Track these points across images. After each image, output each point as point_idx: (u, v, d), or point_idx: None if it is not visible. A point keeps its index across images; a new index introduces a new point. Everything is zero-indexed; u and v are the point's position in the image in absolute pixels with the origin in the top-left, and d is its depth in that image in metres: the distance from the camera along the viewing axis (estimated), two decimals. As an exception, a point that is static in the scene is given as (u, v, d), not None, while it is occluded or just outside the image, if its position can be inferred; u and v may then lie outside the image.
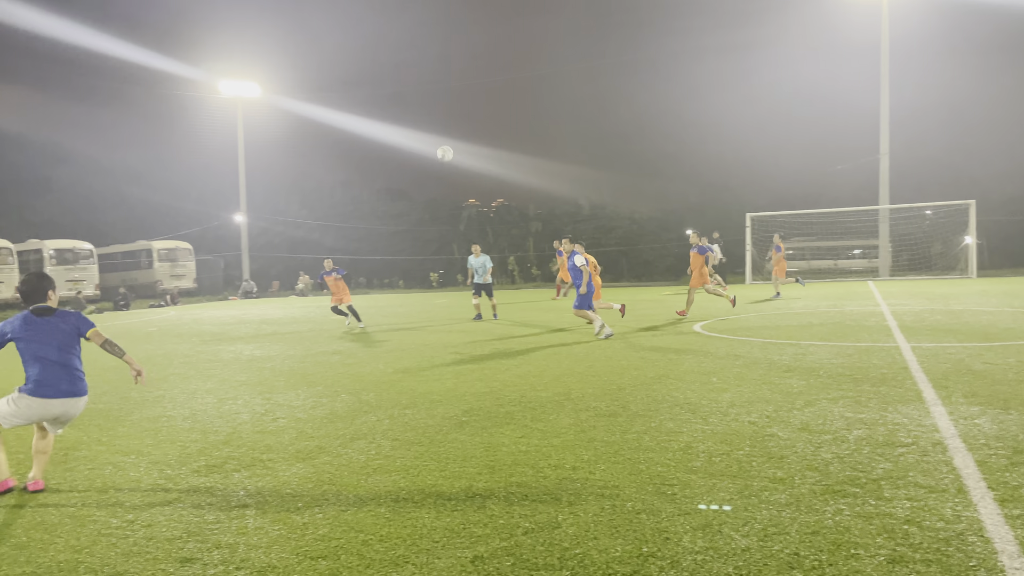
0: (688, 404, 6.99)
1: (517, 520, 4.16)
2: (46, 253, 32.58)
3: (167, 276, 36.71)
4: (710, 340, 11.74)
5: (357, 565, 3.66)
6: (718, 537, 3.80)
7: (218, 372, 10.56)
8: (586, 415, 6.71)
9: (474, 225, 51.62)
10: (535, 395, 7.74)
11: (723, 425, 6.13)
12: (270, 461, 5.64)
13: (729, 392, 7.48)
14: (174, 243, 39.00)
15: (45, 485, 5.26)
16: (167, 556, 3.88)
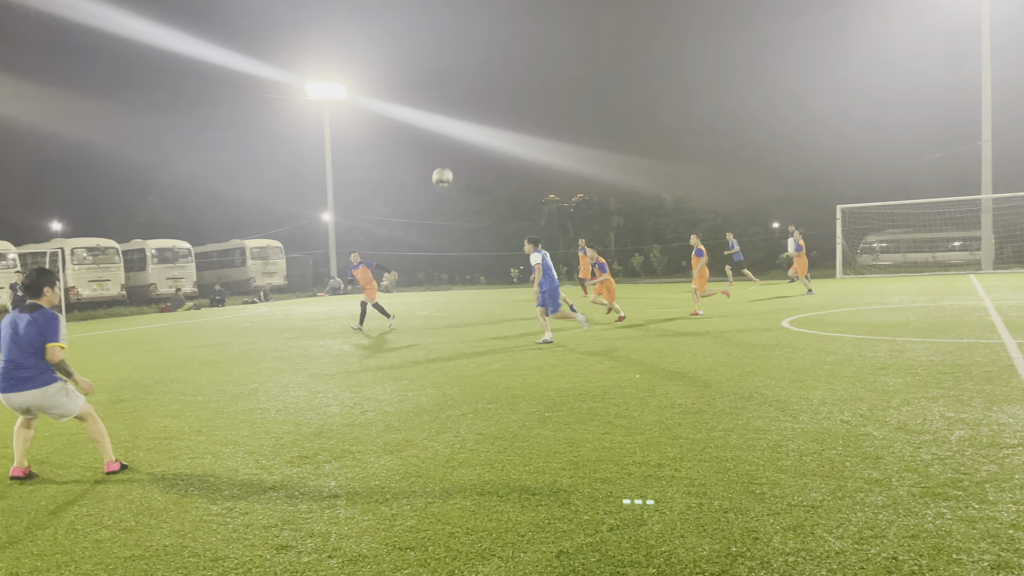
0: (777, 401, 6.82)
1: (602, 516, 4.15)
2: (148, 252, 34.27)
3: (259, 273, 38.09)
4: (799, 336, 11.40)
5: (444, 557, 3.72)
6: (810, 539, 3.70)
7: (308, 366, 10.90)
8: (671, 412, 6.63)
9: (555, 220, 51.56)
10: (618, 391, 7.69)
11: (814, 424, 5.96)
12: (359, 453, 5.79)
13: (820, 389, 7.25)
14: (266, 242, 40.41)
15: (119, 466, 5.63)
16: (264, 543, 4.04)
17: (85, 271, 30.85)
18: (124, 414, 7.89)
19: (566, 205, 56.50)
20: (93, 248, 31.71)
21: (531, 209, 53.38)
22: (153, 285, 33.71)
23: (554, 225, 51.09)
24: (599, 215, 51.94)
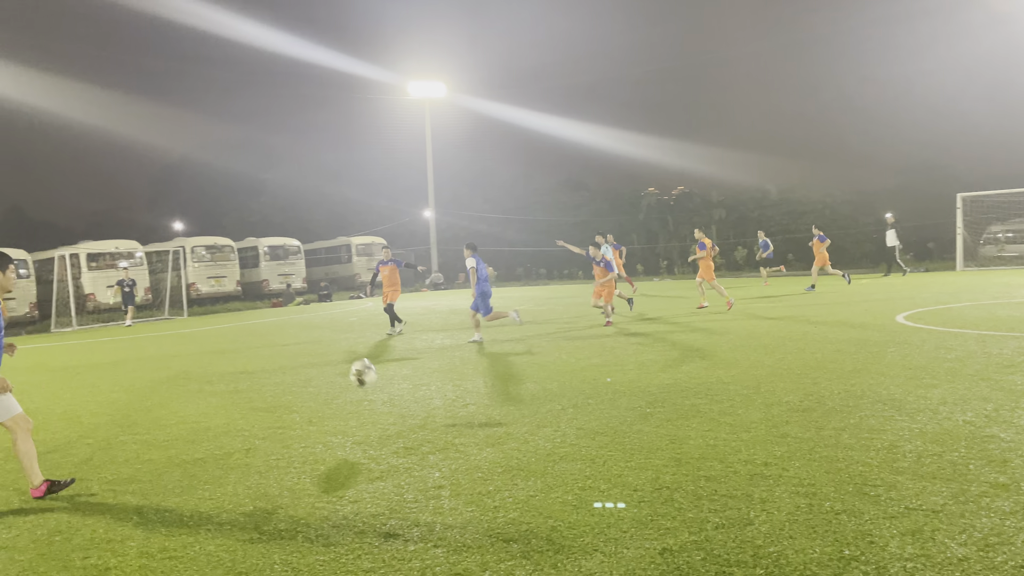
0: (892, 400, 6.51)
1: (706, 515, 4.08)
2: (261, 250, 35.88)
3: (364, 270, 39.22)
4: (915, 332, 10.83)
5: (547, 550, 3.75)
6: (930, 544, 3.52)
7: (412, 359, 11.17)
8: (777, 409, 6.44)
9: (654, 213, 50.82)
10: (722, 388, 7.53)
11: (933, 424, 5.65)
12: (462, 445, 5.90)
13: (939, 388, 6.87)
14: (370, 238, 41.61)
15: (50, 484, 5.23)
16: (372, 530, 4.18)
17: (204, 268, 32.58)
18: (241, 404, 8.31)
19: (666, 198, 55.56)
20: (211, 246, 33.46)
21: (630, 203, 52.76)
22: (266, 281, 35.26)
23: (653, 218, 50.36)
24: (700, 207, 50.81)
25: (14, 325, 25.95)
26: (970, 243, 30.21)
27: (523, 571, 3.53)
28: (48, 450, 6.62)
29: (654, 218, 50.43)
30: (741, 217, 47.87)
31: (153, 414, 8.02)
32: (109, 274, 28.74)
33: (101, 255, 29.35)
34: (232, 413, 7.80)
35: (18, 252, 28.40)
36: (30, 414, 8.43)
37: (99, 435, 7.12)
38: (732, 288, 22.40)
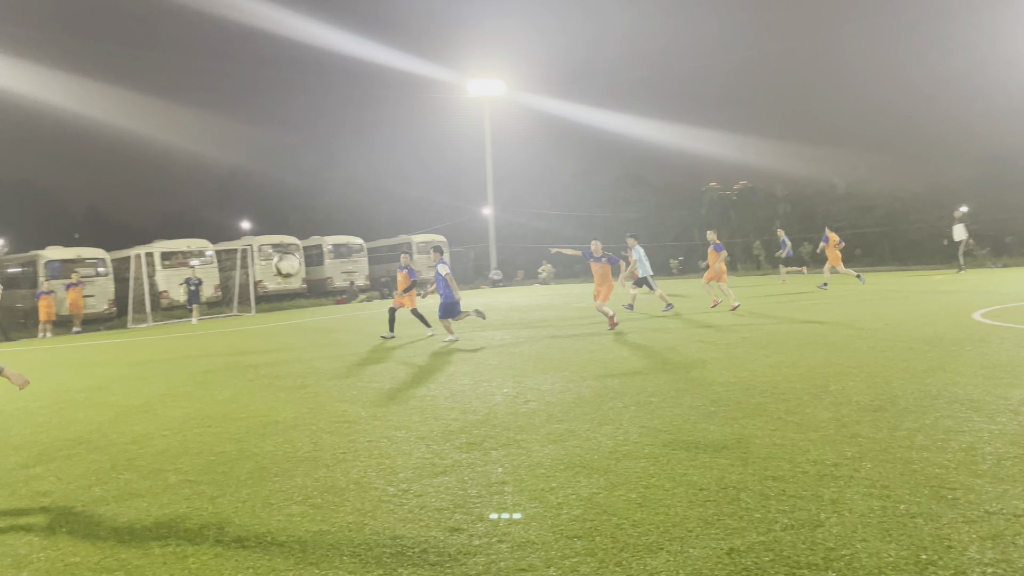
0: (969, 400, 6.27)
1: (775, 515, 4.00)
2: (325, 248, 36.62)
3: (425, 267, 39.68)
4: (994, 330, 10.41)
5: (611, 548, 3.73)
6: (1012, 550, 3.39)
7: (473, 356, 11.25)
8: (847, 409, 6.27)
9: (716, 209, 50.01)
10: (788, 386, 7.37)
11: (1015, 425, 5.43)
12: (524, 441, 5.92)
13: (1021, 388, 6.59)
14: (430, 236, 42.04)
15: None
16: (437, 524, 4.23)
17: (271, 266, 33.38)
18: (308, 399, 8.50)
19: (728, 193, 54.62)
20: (277, 244, 34.29)
21: (691, 198, 52.06)
22: (330, 278, 35.97)
23: (715, 214, 49.55)
24: (764, 202, 49.81)
25: (93, 321, 27.08)
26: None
27: (588, 568, 3.53)
28: (128, 441, 6.89)
29: (716, 214, 49.61)
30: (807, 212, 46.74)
31: (224, 408, 8.27)
32: (182, 272, 29.72)
33: (174, 254, 30.37)
34: (299, 407, 7.99)
35: (97, 251, 29.63)
36: (109, 407, 8.81)
37: (174, 427, 7.38)
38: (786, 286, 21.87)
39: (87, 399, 9.57)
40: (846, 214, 43.45)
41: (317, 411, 7.75)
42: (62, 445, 6.90)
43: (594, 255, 13.76)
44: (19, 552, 4.24)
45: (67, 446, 6.85)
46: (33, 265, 28.34)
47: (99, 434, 7.29)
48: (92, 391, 10.28)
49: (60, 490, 5.43)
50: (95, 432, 7.40)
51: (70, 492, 5.36)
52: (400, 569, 3.67)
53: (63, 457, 6.43)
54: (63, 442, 7.04)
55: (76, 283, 25.43)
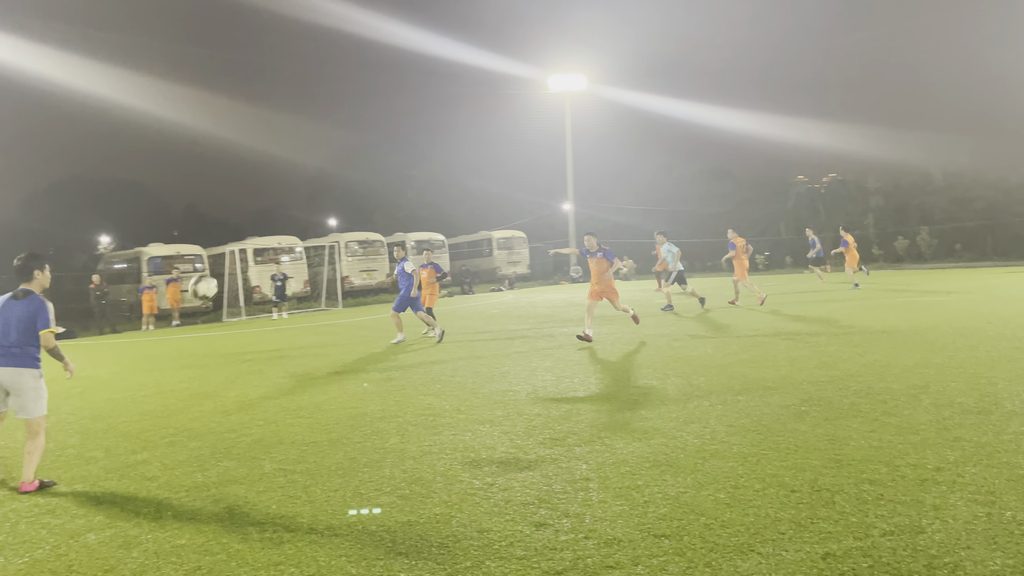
0: (1085, 405, 5.91)
1: (872, 520, 3.87)
2: (408, 244, 37.26)
3: (505, 263, 39.91)
4: (1112, 329, 9.75)
5: (700, 548, 3.68)
6: None
7: (553, 351, 11.25)
8: (948, 411, 6.00)
9: (803, 202, 48.45)
10: (884, 386, 7.10)
11: None
12: (607, 438, 5.89)
13: None
14: (510, 232, 42.22)
15: (38, 485, 5.52)
16: (523, 519, 4.26)
17: (356, 262, 34.22)
18: (394, 392, 8.68)
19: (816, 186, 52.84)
20: (363, 241, 35.09)
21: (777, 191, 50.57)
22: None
23: (803, 207, 48.02)
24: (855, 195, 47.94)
25: (191, 315, 28.34)
26: None
27: (676, 567, 3.49)
28: (225, 430, 7.19)
29: (804, 207, 48.08)
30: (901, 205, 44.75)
31: (315, 399, 8.53)
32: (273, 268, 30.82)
33: (266, 250, 31.47)
34: (386, 401, 8.17)
35: (194, 248, 31.00)
36: (208, 398, 9.21)
37: (268, 417, 7.66)
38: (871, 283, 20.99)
39: (187, 389, 10.03)
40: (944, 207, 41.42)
41: (403, 404, 7.91)
42: (165, 433, 7.26)
43: (589, 251, 12.75)
44: (129, 534, 4.48)
45: (170, 434, 7.20)
46: (137, 261, 29.87)
47: (199, 423, 7.64)
48: (191, 382, 10.77)
49: (165, 476, 5.71)
50: (195, 421, 7.76)
51: (174, 478, 5.63)
52: (488, 562, 3.71)
53: (167, 444, 6.77)
54: (166, 430, 7.40)
55: (175, 278, 26.65)
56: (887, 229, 42.54)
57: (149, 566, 3.97)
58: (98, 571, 3.95)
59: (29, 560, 4.18)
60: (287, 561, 3.90)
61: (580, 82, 44.12)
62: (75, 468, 6.12)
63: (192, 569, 3.89)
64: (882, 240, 41.31)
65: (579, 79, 44.03)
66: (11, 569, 4.06)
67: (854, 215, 45.45)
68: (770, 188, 51.54)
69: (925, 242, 39.02)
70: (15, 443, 6.77)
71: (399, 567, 3.74)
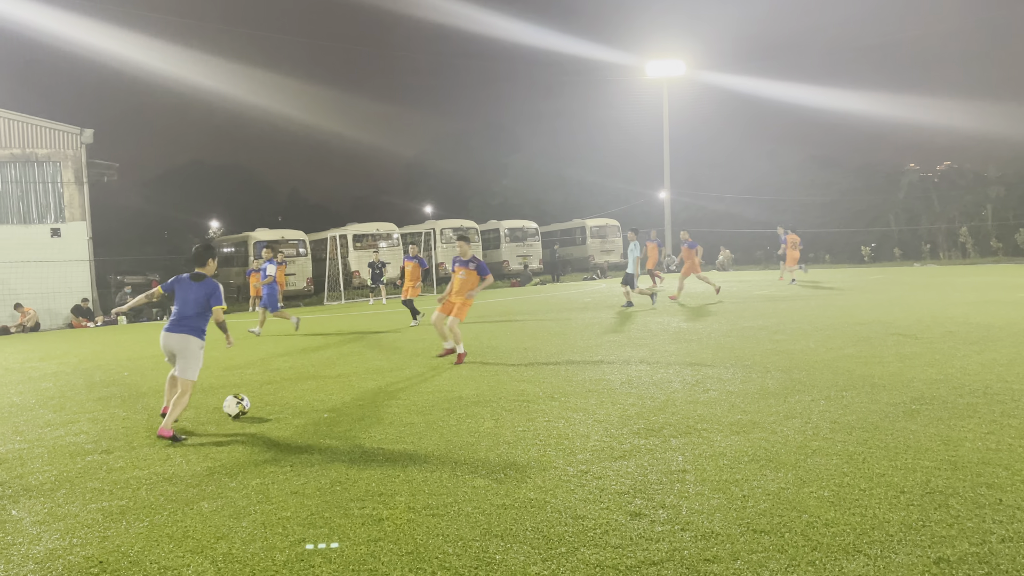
0: None
1: (990, 525, 3.66)
2: (502, 231, 37.54)
3: (598, 251, 39.63)
4: None
5: (803, 546, 3.57)
6: None
7: (648, 341, 11.12)
8: (1077, 415, 5.60)
9: (915, 192, 46.00)
10: (1004, 386, 6.69)
11: None
12: (704, 431, 5.79)
13: None
14: (604, 220, 41.89)
15: (172, 435, 6.42)
16: (618, 508, 4.24)
17: (452, 249, 34.72)
18: (488, 376, 8.78)
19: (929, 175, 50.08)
20: (457, 228, 35.57)
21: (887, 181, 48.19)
22: (506, 262, 36.85)
23: (915, 198, 45.61)
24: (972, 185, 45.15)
25: (293, 297, 29.46)
26: None
27: (777, 564, 3.40)
28: (327, 408, 7.45)
29: (916, 197, 45.66)
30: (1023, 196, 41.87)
31: (411, 382, 8.72)
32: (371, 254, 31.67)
33: (365, 236, 32.35)
34: (481, 385, 8.27)
35: (298, 233, 32.17)
36: (310, 378, 9.56)
37: (368, 399, 7.89)
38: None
39: (291, 368, 10.44)
40: (1073, 197, 38.54)
41: (497, 389, 7.99)
42: (272, 410, 7.58)
43: (461, 258, 10.67)
44: (238, 504, 4.71)
45: (275, 411, 7.52)
46: (244, 245, 31.25)
47: (302, 401, 7.94)
48: (294, 362, 11.20)
49: (271, 452, 5.97)
50: (299, 399, 8.07)
51: (280, 454, 5.88)
52: (583, 549, 3.72)
53: (272, 421, 7.07)
54: (272, 407, 7.73)
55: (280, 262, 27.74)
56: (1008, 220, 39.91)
57: (257, 536, 4.16)
58: (211, 538, 4.17)
59: (149, 524, 4.45)
60: (386, 538, 4.01)
61: (678, 67, 43.24)
62: (188, 440, 6.48)
63: (297, 541, 4.05)
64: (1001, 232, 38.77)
65: (677, 64, 43.15)
66: (132, 532, 4.33)
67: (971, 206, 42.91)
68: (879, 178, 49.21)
69: (1050, 235, 36.39)
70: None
71: (494, 549, 3.79)
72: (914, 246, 41.45)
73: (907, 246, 41.55)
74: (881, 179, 48.68)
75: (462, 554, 3.75)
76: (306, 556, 3.84)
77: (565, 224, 43.22)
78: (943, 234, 41.57)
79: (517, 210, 50.23)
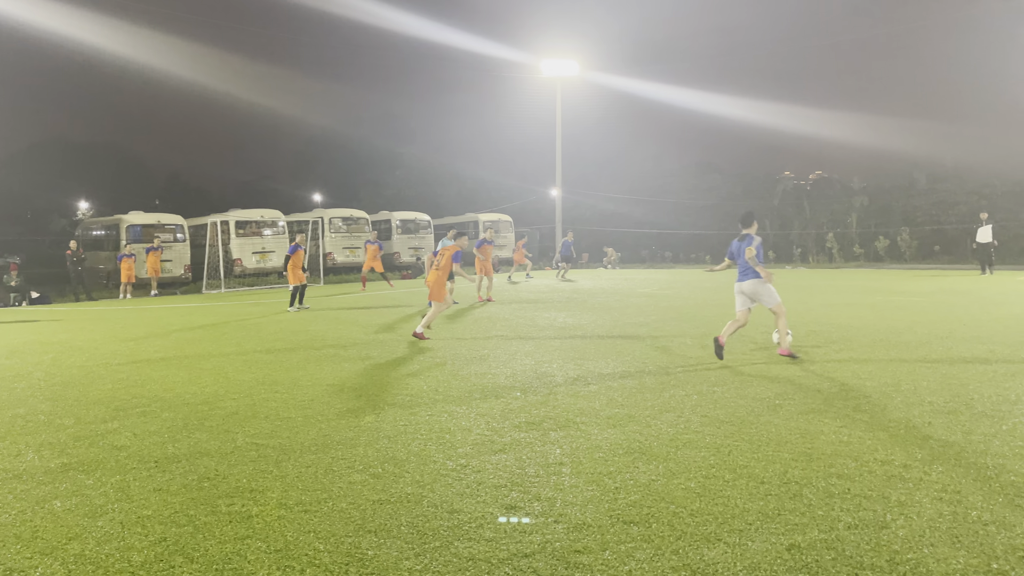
0: (1053, 409, 5.99)
1: (838, 513, 3.91)
2: (394, 223, 37.05)
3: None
4: (1084, 336, 9.89)
5: (668, 535, 3.71)
6: (1093, 567, 3.23)
7: (534, 336, 11.26)
8: (919, 410, 6.07)
9: (789, 199, 48.68)
10: (857, 383, 7.16)
11: (1101, 438, 5.17)
12: (583, 424, 5.91)
13: (1110, 399, 6.27)
14: (497, 216, 42.07)
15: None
16: (494, 501, 4.27)
17: (340, 239, 34.01)
18: (372, 370, 8.66)
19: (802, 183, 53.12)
20: (347, 218, 34.86)
21: (763, 187, 50.75)
22: (397, 254, 36.42)
23: (788, 204, 48.26)
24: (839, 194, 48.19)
25: (170, 285, 28.10)
26: None
27: (643, 554, 3.51)
28: (199, 401, 7.15)
29: (789, 204, 48.32)
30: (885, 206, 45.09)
31: (292, 375, 8.49)
32: (255, 241, 30.54)
33: (248, 223, 31.19)
34: (363, 378, 8.15)
35: (176, 217, 30.68)
36: (183, 369, 9.14)
37: (243, 391, 7.62)
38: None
39: (162, 359, 9.95)
40: (927, 209, 41.80)
41: (380, 383, 7.89)
42: (138, 403, 7.20)
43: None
44: (95, 503, 4.45)
45: (143, 403, 7.15)
46: (116, 229, 29.51)
47: (172, 393, 7.59)
48: (167, 352, 10.68)
49: (135, 445, 5.67)
50: (169, 391, 7.70)
51: (144, 448, 5.59)
52: (456, 543, 3.72)
53: (139, 414, 6.72)
54: (139, 399, 7.34)
55: (155, 247, 26.38)
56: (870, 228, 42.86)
57: (114, 535, 3.94)
58: (63, 539, 3.92)
59: (-7, 525, 4.13)
60: (254, 535, 3.89)
61: (572, 67, 43.91)
62: (44, 434, 6.06)
63: (157, 540, 3.86)
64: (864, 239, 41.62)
65: (571, 64, 43.82)
66: (-25, 533, 4.02)
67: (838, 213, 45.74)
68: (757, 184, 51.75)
69: (905, 243, 39.36)
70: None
71: (367, 544, 3.73)
72: (786, 250, 43.84)
73: (780, 250, 43.90)
74: (758, 185, 51.21)
75: (333, 551, 3.68)
76: (166, 556, 3.66)
77: (458, 217, 43.14)
78: (812, 239, 44.16)
79: (410, 202, 49.77)
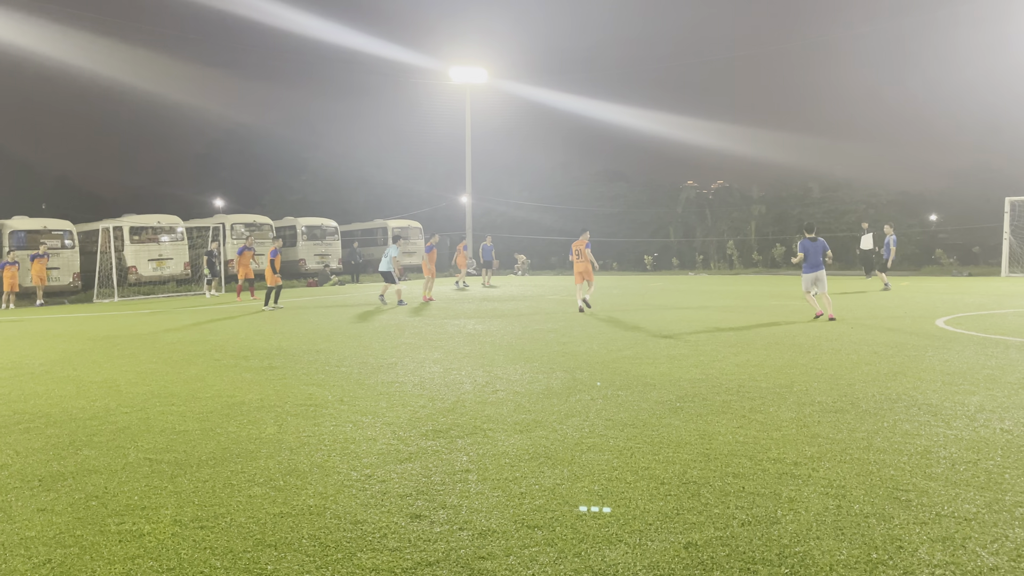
0: (928, 405, 6.40)
1: (733, 511, 4.06)
2: (299, 229, 36.24)
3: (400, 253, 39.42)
4: (955, 337, 10.62)
5: (571, 538, 3.76)
6: (961, 552, 3.47)
7: (444, 344, 11.23)
8: (810, 409, 6.37)
9: (692, 207, 50.35)
10: (754, 385, 7.46)
11: (970, 431, 5.55)
12: (490, 431, 5.93)
13: (978, 395, 6.74)
14: (406, 222, 41.77)
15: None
16: (399, 510, 4.23)
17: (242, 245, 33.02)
18: (275, 380, 8.44)
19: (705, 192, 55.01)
20: (250, 224, 33.90)
21: (668, 196, 52.34)
22: (302, 260, 35.63)
23: (692, 212, 49.90)
24: (739, 202, 50.22)
25: (57, 294, 26.62)
26: (1017, 248, 29.45)
27: (547, 558, 3.55)
28: (88, 416, 6.80)
29: (692, 212, 49.95)
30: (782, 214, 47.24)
31: (189, 387, 8.18)
32: (151, 247, 29.30)
33: (144, 229, 29.90)
34: (266, 389, 7.93)
35: (64, 223, 29.08)
36: (70, 382, 8.67)
37: (137, 404, 7.29)
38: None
39: (47, 373, 9.42)
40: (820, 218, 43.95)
41: (284, 393, 7.70)
42: (21, 419, 6.79)
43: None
44: (-29, 525, 4.16)
45: (26, 420, 6.74)
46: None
47: (58, 409, 7.19)
48: (53, 365, 10.12)
49: (17, 464, 5.34)
50: (55, 407, 7.29)
51: (27, 467, 5.27)
52: (359, 554, 3.66)
53: (21, 431, 6.33)
54: (22, 415, 6.92)
55: (41, 255, 24.94)
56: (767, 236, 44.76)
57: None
58: (-68, 566, 3.65)
59: None
60: (146, 555, 3.72)
61: (481, 75, 44.08)
62: (-87, 455, 5.64)
63: (41, 563, 3.65)
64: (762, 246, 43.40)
65: (480, 72, 43.98)
66: None
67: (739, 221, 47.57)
68: (662, 192, 53.27)
69: (800, 250, 41.20)
70: None
71: (266, 559, 3.63)
72: (690, 256, 45.27)
73: (684, 256, 45.28)
74: (663, 194, 52.72)
75: (231, 567, 3.56)
76: (49, 581, 3.46)
77: (367, 224, 42.61)
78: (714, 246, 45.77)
79: (317, 208, 48.81)
